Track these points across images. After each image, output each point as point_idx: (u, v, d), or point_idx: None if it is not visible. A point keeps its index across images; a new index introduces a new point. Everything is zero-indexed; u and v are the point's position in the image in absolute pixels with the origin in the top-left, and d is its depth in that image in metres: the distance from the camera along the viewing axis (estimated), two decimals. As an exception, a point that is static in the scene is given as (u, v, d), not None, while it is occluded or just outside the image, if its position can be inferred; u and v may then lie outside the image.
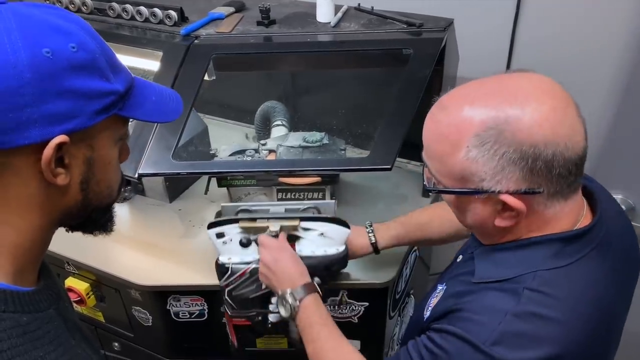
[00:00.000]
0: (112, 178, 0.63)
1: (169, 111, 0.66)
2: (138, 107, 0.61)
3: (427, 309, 0.86)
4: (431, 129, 0.73)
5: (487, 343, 0.68)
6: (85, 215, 0.62)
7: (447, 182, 0.72)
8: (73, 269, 1.34)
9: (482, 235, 0.79)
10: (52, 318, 0.59)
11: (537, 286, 0.70)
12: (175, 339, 1.38)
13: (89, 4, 1.42)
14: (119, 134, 0.62)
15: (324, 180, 1.33)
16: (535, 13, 1.43)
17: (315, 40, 1.27)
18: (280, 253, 1.02)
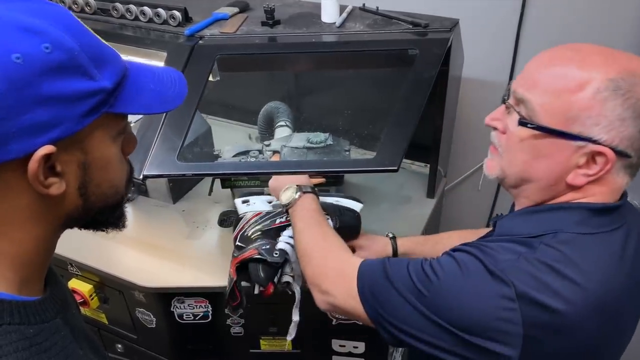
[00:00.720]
0: (114, 177, 0.59)
1: (169, 98, 0.60)
2: (133, 99, 0.56)
3: None
4: (555, 63, 0.72)
5: (499, 268, 0.70)
6: (91, 217, 0.60)
7: (549, 120, 0.70)
8: (76, 270, 1.34)
9: (533, 190, 0.77)
10: (58, 328, 0.57)
11: (554, 244, 0.71)
12: (179, 341, 1.37)
13: (93, 5, 1.41)
14: (115, 130, 0.57)
15: (328, 181, 1.32)
16: (540, 14, 1.43)
17: (320, 40, 1.27)
18: None
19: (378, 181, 1.54)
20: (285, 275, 1.09)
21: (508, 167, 0.78)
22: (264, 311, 1.27)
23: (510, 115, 0.77)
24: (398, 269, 0.79)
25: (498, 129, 0.79)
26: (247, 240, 1.12)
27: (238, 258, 1.07)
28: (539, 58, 0.75)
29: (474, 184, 1.80)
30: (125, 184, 0.63)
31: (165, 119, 1.17)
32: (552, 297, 0.67)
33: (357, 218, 1.18)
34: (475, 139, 1.72)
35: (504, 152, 0.78)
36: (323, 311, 0.92)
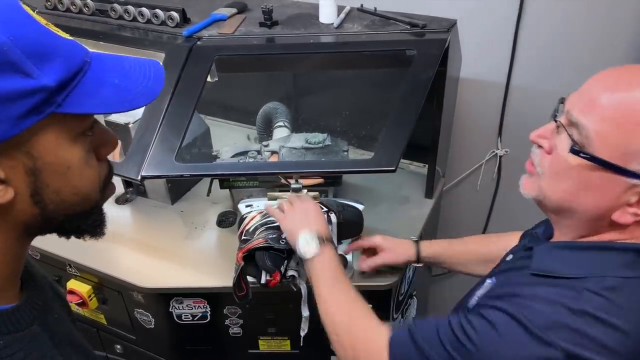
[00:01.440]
0: (78, 183, 0.54)
1: (137, 95, 0.54)
2: (89, 97, 0.50)
3: (473, 298, 0.85)
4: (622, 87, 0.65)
5: (541, 327, 0.66)
6: (58, 225, 0.55)
7: (605, 151, 0.65)
8: (75, 271, 1.34)
9: (572, 225, 0.74)
10: (35, 336, 0.54)
11: (599, 290, 0.67)
12: (178, 342, 1.37)
13: (91, 6, 1.41)
14: (74, 131, 0.52)
15: (326, 181, 1.33)
16: (538, 14, 1.43)
17: (318, 41, 1.27)
18: (307, 201, 1.06)
19: (376, 182, 1.54)
20: (290, 269, 1.10)
21: (549, 191, 0.73)
22: (263, 311, 1.27)
23: (559, 135, 0.72)
24: (429, 337, 0.76)
25: (544, 147, 0.74)
26: (253, 234, 1.13)
27: (245, 248, 1.08)
28: (603, 78, 0.69)
29: (473, 184, 1.80)
30: (98, 188, 0.57)
31: (163, 119, 1.17)
32: (600, 351, 0.64)
33: (359, 215, 1.20)
34: (473, 139, 1.72)
35: (546, 175, 0.73)
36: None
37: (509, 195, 1.77)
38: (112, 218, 1.51)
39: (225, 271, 1.19)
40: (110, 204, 1.50)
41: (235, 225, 1.38)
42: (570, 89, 1.60)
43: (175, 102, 1.19)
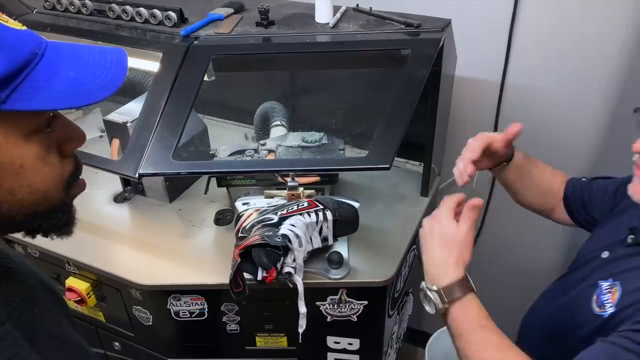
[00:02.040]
0: (35, 181, 0.51)
1: (93, 89, 0.50)
2: (39, 92, 0.47)
3: (601, 306, 0.83)
4: None
5: None
6: (19, 224, 0.53)
7: None
8: (74, 268, 1.35)
9: None
10: (5, 334, 0.52)
11: None
12: (176, 339, 1.38)
13: (89, 5, 1.42)
14: (26, 128, 0.49)
15: (323, 180, 1.34)
16: (532, 13, 1.44)
17: (314, 40, 1.28)
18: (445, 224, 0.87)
19: (373, 180, 1.56)
20: (287, 266, 1.11)
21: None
22: (260, 308, 1.28)
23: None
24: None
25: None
26: (249, 231, 1.14)
27: (242, 245, 1.09)
28: None
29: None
30: (60, 187, 0.54)
31: (160, 118, 1.18)
32: None
33: (355, 212, 1.21)
34: (469, 136, 1.73)
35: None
36: None
37: (504, 194, 1.77)
38: (111, 216, 1.53)
39: (223, 268, 1.20)
40: (108, 202, 1.51)
41: (232, 223, 1.39)
42: (565, 87, 1.62)
43: (172, 101, 1.20)
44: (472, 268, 2.02)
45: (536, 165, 1.17)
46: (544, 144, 1.62)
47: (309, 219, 1.16)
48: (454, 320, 0.83)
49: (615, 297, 0.82)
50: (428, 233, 0.90)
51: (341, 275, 1.20)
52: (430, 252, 0.88)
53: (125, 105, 1.42)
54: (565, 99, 1.52)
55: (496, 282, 2.00)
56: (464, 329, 0.82)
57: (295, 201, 1.20)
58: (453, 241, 0.87)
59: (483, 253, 1.97)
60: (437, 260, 0.87)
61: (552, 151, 1.62)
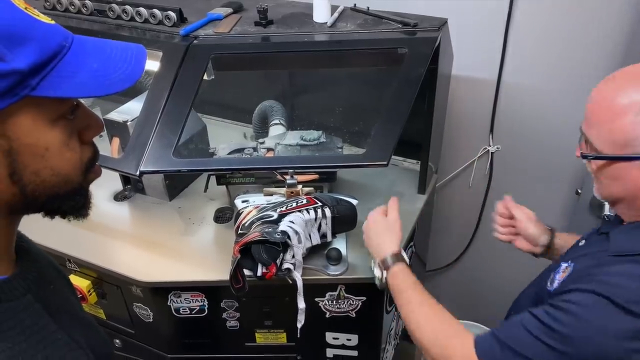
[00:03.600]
0: (57, 164, 0.55)
1: (115, 80, 0.55)
2: (65, 81, 0.51)
3: (552, 282, 0.90)
4: (596, 99, 0.80)
5: (630, 301, 0.71)
6: (41, 205, 0.57)
7: (606, 148, 0.78)
8: (74, 266, 1.36)
9: (630, 208, 0.83)
10: (27, 305, 0.56)
11: None
12: (176, 335, 1.39)
13: (89, 5, 1.43)
14: (53, 114, 0.53)
15: (321, 177, 1.35)
16: (528, 12, 1.46)
17: (312, 40, 1.29)
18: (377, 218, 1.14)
19: (370, 178, 1.57)
20: (286, 262, 1.12)
21: (599, 190, 0.87)
22: (259, 305, 1.30)
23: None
24: (516, 335, 0.79)
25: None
26: (249, 228, 1.16)
27: (241, 241, 1.11)
28: (595, 90, 0.83)
29: (465, 180, 1.83)
30: (80, 171, 0.58)
31: (160, 117, 1.19)
32: None
33: (354, 209, 1.23)
34: (465, 136, 1.75)
35: (593, 179, 0.87)
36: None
37: (501, 191, 1.80)
38: (111, 214, 1.54)
39: (223, 265, 1.21)
40: (108, 200, 1.52)
41: (231, 220, 1.40)
42: (561, 86, 1.63)
43: (172, 99, 1.22)
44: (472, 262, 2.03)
45: None
46: (540, 142, 1.64)
47: (308, 216, 1.18)
48: (390, 286, 1.04)
49: (565, 274, 0.87)
50: (366, 229, 1.15)
51: (340, 272, 1.22)
52: (370, 240, 1.13)
53: (125, 104, 1.43)
54: (561, 97, 1.53)
55: (493, 276, 2.01)
56: (396, 291, 1.02)
57: (294, 198, 1.22)
58: (383, 226, 1.12)
59: (480, 248, 1.98)
60: (376, 243, 1.11)
61: (548, 149, 1.64)
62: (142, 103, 1.26)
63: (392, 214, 1.14)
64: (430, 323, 0.93)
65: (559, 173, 1.66)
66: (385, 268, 1.06)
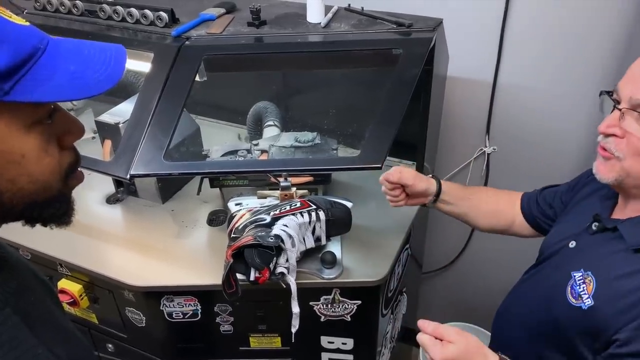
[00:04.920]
0: (35, 171, 0.53)
1: (93, 82, 0.52)
2: (40, 84, 0.49)
3: (576, 296, 0.86)
4: None
5: None
6: (19, 213, 0.54)
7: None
8: (66, 270, 1.34)
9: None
10: (6, 318, 0.54)
11: None
12: (169, 340, 1.38)
13: (80, 6, 1.42)
14: (28, 120, 0.51)
15: (316, 180, 1.34)
16: (524, 12, 1.45)
17: (306, 40, 1.28)
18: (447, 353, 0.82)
19: (365, 179, 1.56)
20: (279, 266, 1.11)
21: (632, 168, 0.81)
22: (253, 309, 1.28)
23: (627, 120, 0.81)
24: None
25: (617, 135, 0.82)
26: (242, 232, 1.14)
27: (234, 245, 1.09)
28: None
29: (461, 182, 1.82)
30: (59, 177, 0.56)
31: (152, 118, 1.18)
32: None
33: (348, 212, 1.21)
34: (462, 137, 1.74)
35: (627, 155, 0.81)
36: None
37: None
38: (103, 217, 1.52)
39: (216, 269, 1.20)
40: (100, 203, 1.51)
41: (225, 223, 1.39)
42: (557, 87, 1.62)
43: (164, 101, 1.20)
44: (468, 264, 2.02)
45: (473, 192, 1.25)
46: (536, 143, 1.63)
47: (302, 219, 1.16)
48: None
49: (591, 288, 0.84)
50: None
51: (334, 275, 1.20)
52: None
53: (117, 106, 1.41)
54: (557, 98, 1.52)
55: (490, 278, 2.00)
56: None
57: (288, 201, 1.20)
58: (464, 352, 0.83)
59: (477, 250, 1.97)
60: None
61: (544, 150, 1.63)
62: (133, 105, 1.24)
63: (448, 335, 0.83)
64: None
65: (556, 174, 1.65)
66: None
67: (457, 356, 0.81)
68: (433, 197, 1.19)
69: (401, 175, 1.14)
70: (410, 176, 1.14)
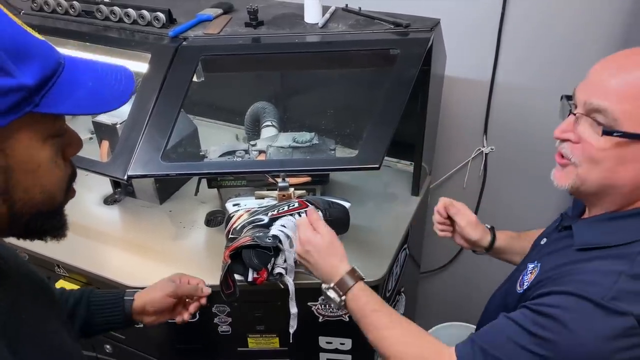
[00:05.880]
0: (46, 182, 0.55)
1: (108, 98, 0.56)
2: (64, 98, 0.52)
3: (521, 284, 0.88)
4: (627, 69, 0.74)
5: (607, 298, 0.69)
6: (22, 225, 0.56)
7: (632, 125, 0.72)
8: (63, 271, 1.34)
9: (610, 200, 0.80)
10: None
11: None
12: (168, 340, 1.38)
13: (77, 7, 1.41)
14: (47, 132, 0.53)
15: (314, 180, 1.34)
16: (521, 12, 1.45)
17: (303, 41, 1.28)
18: (310, 238, 0.98)
19: (364, 180, 1.56)
20: (277, 267, 1.11)
21: (588, 175, 0.79)
22: (251, 309, 1.28)
23: (581, 125, 0.79)
24: (498, 343, 0.77)
25: (572, 140, 0.80)
26: (240, 232, 1.14)
27: (232, 246, 1.09)
28: (606, 66, 0.77)
29: (459, 182, 1.82)
30: (62, 189, 0.58)
31: (149, 119, 1.17)
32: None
33: (346, 212, 1.21)
34: (459, 137, 1.74)
35: (582, 162, 0.79)
36: None
37: (495, 193, 1.79)
38: (101, 218, 1.52)
39: (214, 270, 1.20)
40: (98, 204, 1.50)
41: (223, 224, 1.39)
42: (554, 86, 1.62)
43: (161, 102, 1.20)
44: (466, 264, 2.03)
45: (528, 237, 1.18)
46: (534, 143, 1.63)
47: (300, 220, 1.16)
48: (351, 310, 0.94)
49: (533, 275, 0.86)
50: (305, 254, 0.99)
51: (332, 276, 1.20)
52: (316, 266, 0.98)
53: (114, 107, 1.40)
54: (555, 98, 1.51)
55: (487, 278, 2.00)
56: (360, 316, 0.92)
57: (286, 202, 1.20)
58: (325, 247, 0.98)
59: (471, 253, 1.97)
60: (325, 268, 0.97)
61: (542, 149, 1.63)
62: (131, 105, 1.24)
63: (321, 228, 1.00)
64: (409, 345, 0.87)
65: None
66: (344, 291, 0.93)
67: (318, 246, 0.97)
68: (483, 249, 1.16)
69: (458, 212, 1.13)
70: (464, 219, 1.13)
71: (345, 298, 0.93)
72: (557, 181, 0.84)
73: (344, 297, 0.93)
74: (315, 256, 0.98)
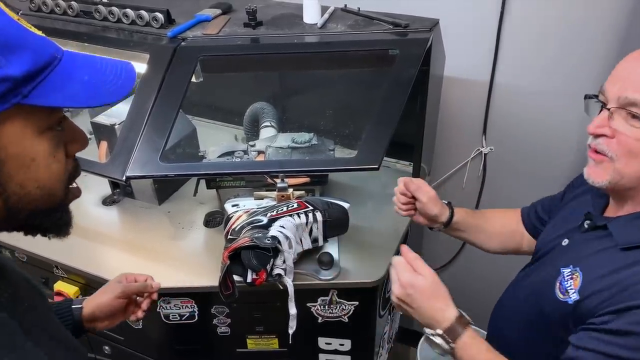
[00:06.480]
0: (42, 177, 0.54)
1: (105, 92, 0.55)
2: (56, 91, 0.51)
3: (563, 291, 0.86)
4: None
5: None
6: (22, 220, 0.55)
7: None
8: (62, 272, 1.34)
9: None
10: (3, 322, 0.54)
11: None
12: (166, 342, 1.38)
13: (75, 7, 1.41)
14: (41, 125, 0.53)
15: (313, 180, 1.34)
16: (520, 13, 1.45)
17: (302, 41, 1.27)
18: (412, 281, 0.89)
19: (363, 180, 1.56)
20: (276, 267, 1.10)
21: (627, 168, 0.79)
22: (250, 310, 1.28)
23: (615, 120, 0.79)
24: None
25: (607, 135, 0.81)
26: (239, 233, 1.14)
27: (231, 247, 1.09)
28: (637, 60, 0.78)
29: (458, 182, 1.82)
30: (63, 185, 0.58)
31: (148, 120, 1.17)
32: None
33: (345, 213, 1.21)
34: (458, 137, 1.74)
35: (620, 156, 0.79)
36: None
37: (494, 193, 1.79)
38: (99, 219, 1.52)
39: (213, 271, 1.19)
40: (97, 205, 1.50)
41: (222, 225, 1.38)
42: (553, 87, 1.62)
43: (159, 102, 1.19)
44: (465, 264, 2.02)
45: (483, 215, 1.23)
46: (533, 143, 1.63)
47: (299, 220, 1.16)
48: (460, 358, 0.87)
49: (577, 283, 0.85)
50: (406, 298, 0.90)
51: (332, 276, 1.20)
52: (420, 310, 0.90)
53: (112, 108, 1.40)
54: (554, 98, 1.52)
55: (487, 278, 2.00)
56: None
57: (284, 202, 1.20)
58: (429, 289, 0.89)
59: (474, 250, 1.97)
60: (429, 312, 0.89)
61: (541, 149, 1.63)
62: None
63: (422, 268, 0.90)
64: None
65: (553, 174, 1.65)
66: (454, 339, 0.86)
67: (421, 288, 0.88)
68: (441, 225, 1.17)
69: (419, 189, 1.13)
70: (426, 195, 1.13)
71: (454, 346, 0.87)
72: (594, 178, 0.84)
73: (454, 345, 0.87)
74: (418, 300, 0.88)
